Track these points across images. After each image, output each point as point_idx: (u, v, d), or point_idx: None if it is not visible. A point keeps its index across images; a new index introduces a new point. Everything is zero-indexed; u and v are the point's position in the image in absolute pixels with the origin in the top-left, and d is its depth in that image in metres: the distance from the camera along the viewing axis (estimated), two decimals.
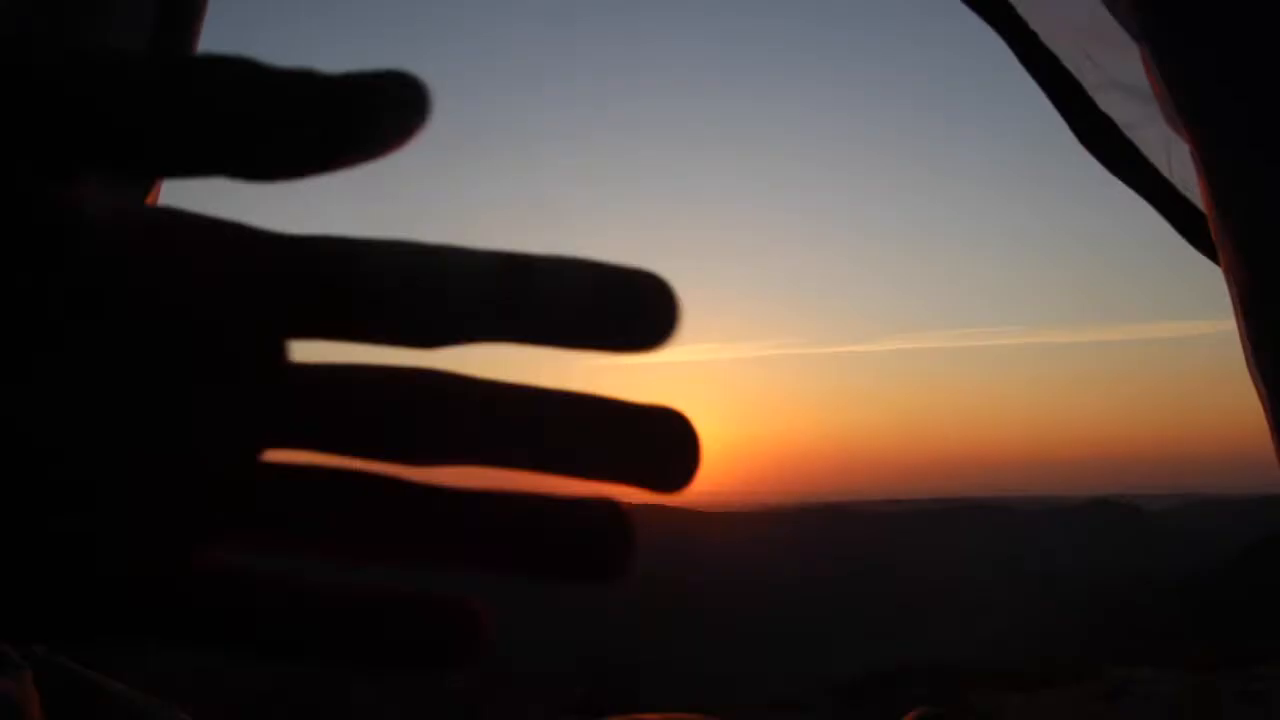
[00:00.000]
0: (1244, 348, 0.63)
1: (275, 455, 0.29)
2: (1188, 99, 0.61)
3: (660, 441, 0.28)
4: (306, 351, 0.29)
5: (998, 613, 51.47)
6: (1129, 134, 0.82)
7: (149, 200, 0.90)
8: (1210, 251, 0.79)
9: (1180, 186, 0.80)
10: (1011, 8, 0.83)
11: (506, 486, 0.29)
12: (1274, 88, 0.58)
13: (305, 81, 0.26)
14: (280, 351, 0.29)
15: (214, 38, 1.02)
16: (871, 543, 67.12)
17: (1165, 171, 0.80)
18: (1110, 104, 0.83)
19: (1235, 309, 0.62)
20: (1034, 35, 0.84)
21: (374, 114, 0.26)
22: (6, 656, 0.58)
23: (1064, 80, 0.84)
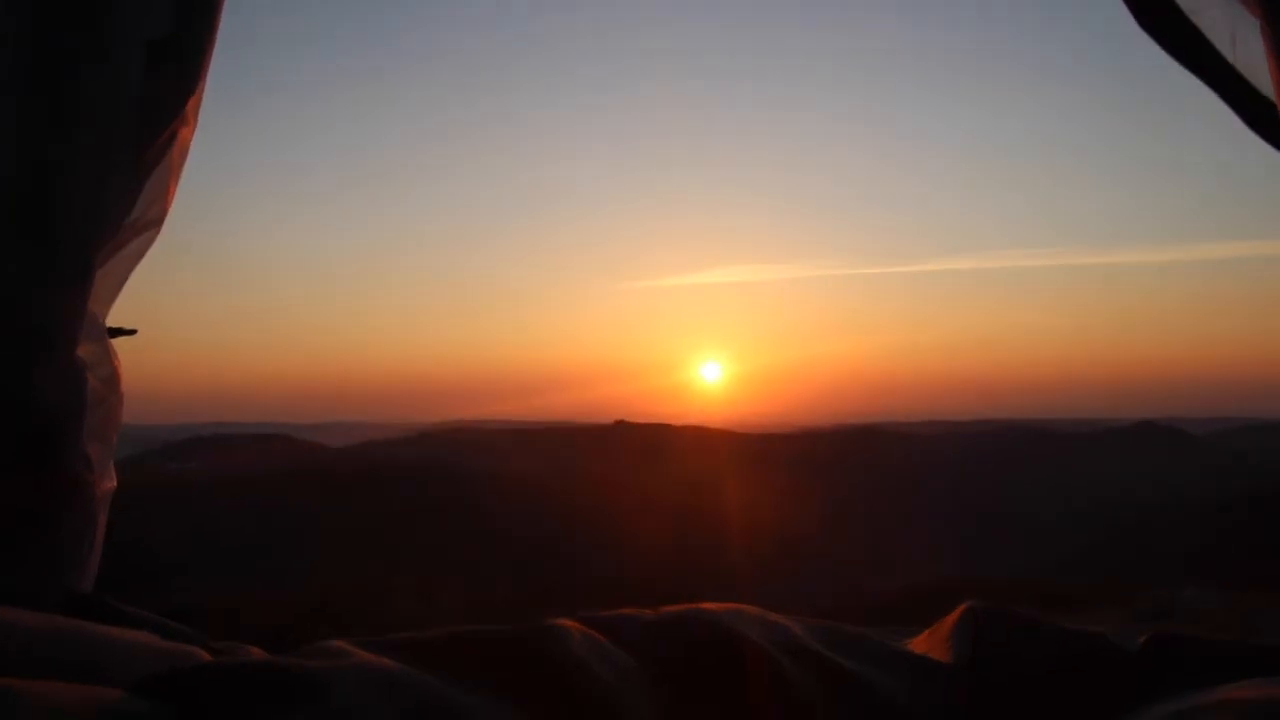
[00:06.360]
0: None
1: None
2: None
3: None
4: None
5: (1042, 534, 51.54)
6: (1193, 19, 0.80)
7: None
8: (1272, 137, 0.78)
9: (1244, 71, 0.78)
10: None
11: None
12: None
13: None
14: None
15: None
16: (910, 465, 67.17)
17: (1229, 56, 0.79)
18: None
19: None
20: None
21: None
22: None
23: None
